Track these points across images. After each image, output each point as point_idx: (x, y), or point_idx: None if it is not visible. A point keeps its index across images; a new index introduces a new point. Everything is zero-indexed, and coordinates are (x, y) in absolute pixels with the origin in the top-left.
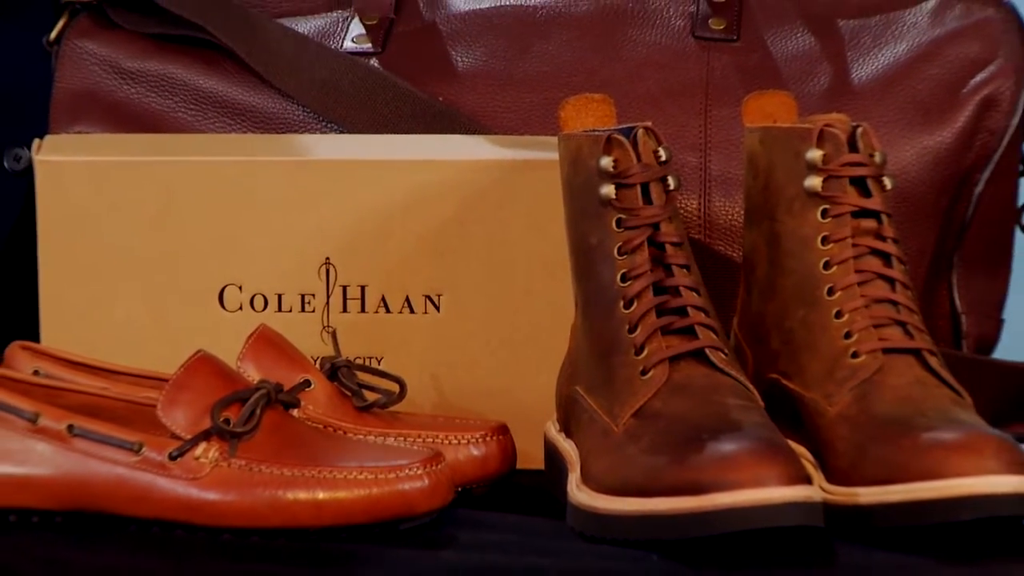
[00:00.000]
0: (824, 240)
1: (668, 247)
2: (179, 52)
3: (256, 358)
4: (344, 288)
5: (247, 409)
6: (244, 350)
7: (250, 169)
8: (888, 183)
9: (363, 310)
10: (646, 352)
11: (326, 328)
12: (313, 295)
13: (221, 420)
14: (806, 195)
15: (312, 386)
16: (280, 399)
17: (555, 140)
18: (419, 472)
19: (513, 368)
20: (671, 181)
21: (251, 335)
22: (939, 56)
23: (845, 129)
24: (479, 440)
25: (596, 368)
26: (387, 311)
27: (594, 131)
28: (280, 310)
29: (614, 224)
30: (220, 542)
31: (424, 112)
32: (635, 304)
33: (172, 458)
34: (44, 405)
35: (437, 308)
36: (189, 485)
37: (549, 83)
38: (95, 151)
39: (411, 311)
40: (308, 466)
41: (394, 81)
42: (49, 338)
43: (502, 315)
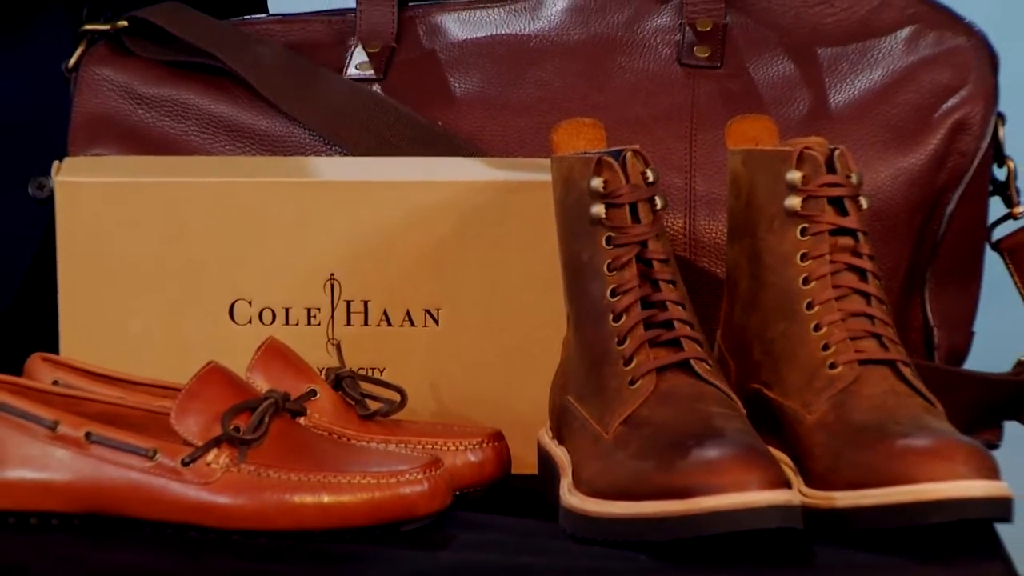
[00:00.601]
0: (803, 257)
1: (655, 263)
2: (191, 79)
3: (265, 369)
4: (348, 303)
5: (256, 417)
6: (253, 361)
7: (259, 190)
8: (864, 202)
9: (366, 323)
10: (634, 363)
11: (331, 340)
12: (319, 309)
13: (231, 428)
14: (786, 214)
15: (318, 395)
16: (287, 408)
17: (548, 162)
18: (419, 477)
19: (508, 378)
20: (658, 201)
21: (260, 347)
22: (913, 82)
23: (823, 151)
24: (476, 446)
25: (587, 378)
26: (389, 324)
27: (585, 153)
28: (287, 323)
29: (604, 241)
30: (230, 543)
31: (424, 135)
32: (624, 317)
33: (185, 464)
34: (63, 413)
35: (436, 321)
36: (201, 489)
37: (542, 108)
38: (112, 172)
39: (411, 324)
40: (314, 471)
41: (395, 106)
42: (68, 350)
43: (498, 328)
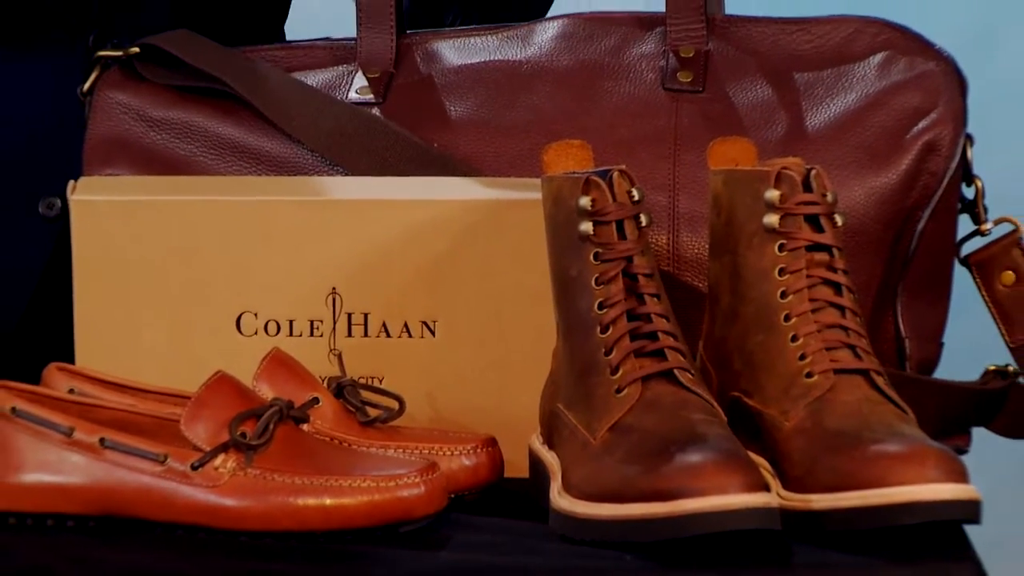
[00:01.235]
0: (781, 272)
1: (641, 278)
2: (200, 102)
3: (270, 378)
4: (349, 315)
5: (261, 424)
6: (259, 371)
7: (264, 208)
8: (839, 220)
9: (366, 335)
10: (620, 372)
11: (333, 351)
12: (321, 321)
13: (238, 434)
14: (765, 231)
15: (320, 403)
16: (291, 415)
17: (539, 182)
18: (416, 480)
19: (501, 387)
20: (643, 218)
21: (265, 357)
22: (885, 105)
23: (800, 171)
24: (470, 451)
25: (576, 387)
26: (387, 336)
27: (574, 173)
28: (292, 335)
29: (592, 257)
30: (237, 543)
31: (421, 157)
32: (611, 329)
33: (194, 468)
34: (78, 420)
35: (433, 333)
36: (209, 492)
37: (533, 130)
38: (124, 191)
39: (409, 335)
40: (317, 475)
41: (394, 128)
42: (83, 360)
43: (491, 339)
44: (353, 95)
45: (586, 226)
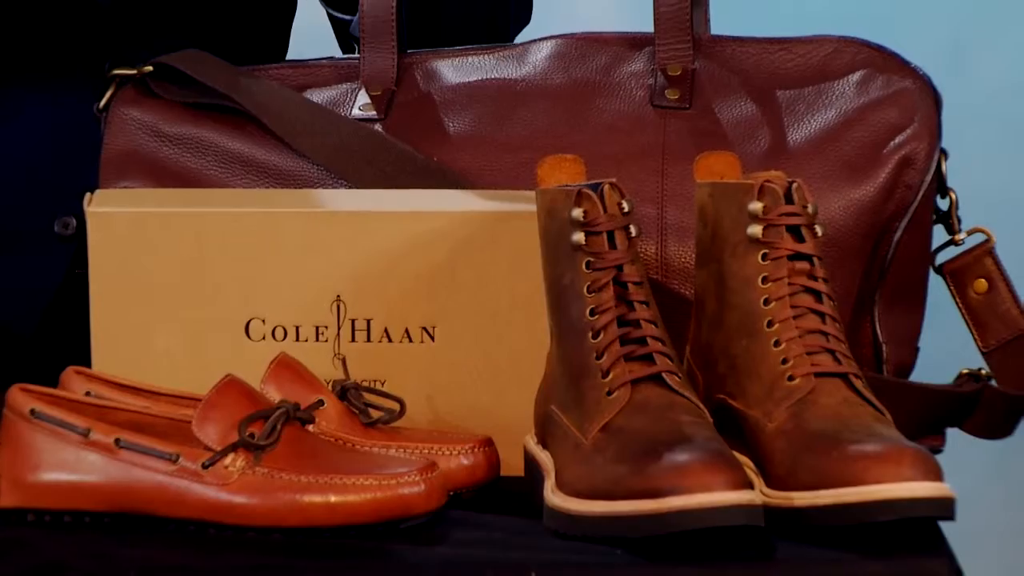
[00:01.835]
0: (764, 280)
1: (630, 286)
2: (211, 118)
3: (277, 381)
4: (353, 321)
5: (269, 425)
6: (267, 374)
7: (272, 219)
8: (819, 230)
9: (369, 340)
10: (611, 376)
11: (337, 355)
12: (326, 327)
13: (247, 434)
14: (748, 241)
15: (325, 405)
16: (297, 416)
17: (533, 194)
18: (417, 479)
19: (497, 390)
20: (633, 229)
21: (273, 361)
22: (863, 121)
23: (782, 184)
24: (468, 451)
25: (568, 390)
26: (389, 341)
27: (567, 186)
28: (298, 340)
29: (584, 266)
30: (246, 539)
31: (421, 170)
32: (602, 335)
33: (205, 467)
34: (95, 421)
35: (432, 338)
36: (219, 490)
37: (528, 145)
38: (139, 203)
39: (410, 341)
40: (322, 474)
41: (395, 143)
42: (99, 364)
43: (488, 344)
44: (356, 112)
45: (578, 236)
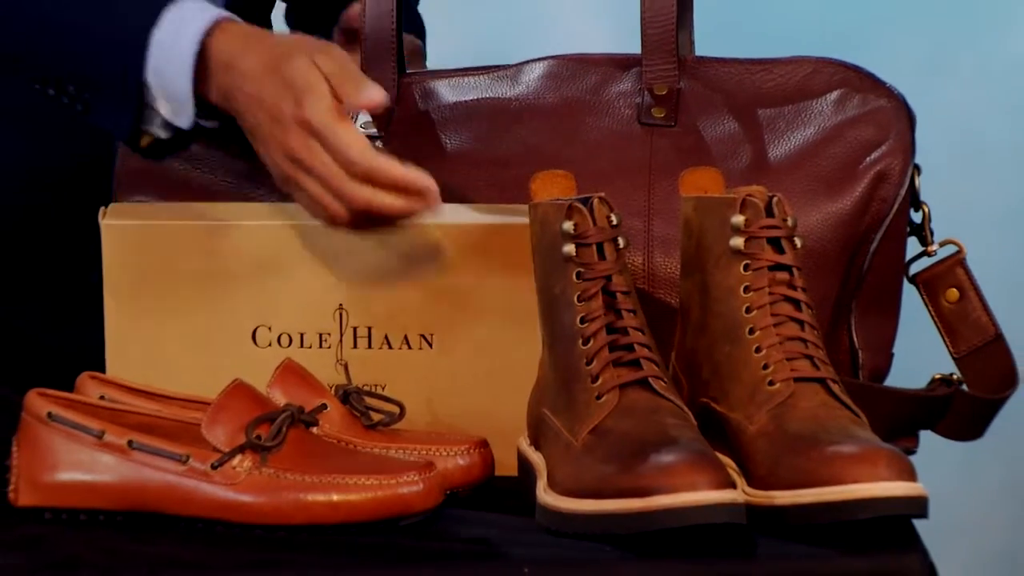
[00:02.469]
0: (746, 289)
1: (618, 295)
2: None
3: (282, 385)
4: (354, 329)
5: (275, 427)
6: (272, 379)
7: (278, 232)
8: (798, 242)
9: (370, 347)
10: (600, 381)
11: (339, 361)
12: (329, 334)
13: (254, 436)
14: (731, 252)
15: (328, 408)
16: (302, 419)
17: (526, 208)
18: (415, 478)
19: (492, 393)
20: (621, 241)
21: (278, 367)
22: (840, 138)
23: (763, 198)
24: (464, 452)
25: (560, 393)
26: (389, 347)
27: (558, 200)
28: (302, 347)
29: (574, 276)
30: (253, 536)
31: None
32: (591, 341)
33: (213, 467)
34: (108, 424)
35: (430, 345)
36: (227, 489)
37: (521, 161)
38: (151, 216)
39: (409, 347)
40: (325, 473)
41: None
42: (113, 369)
43: (483, 350)
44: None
45: (569, 248)
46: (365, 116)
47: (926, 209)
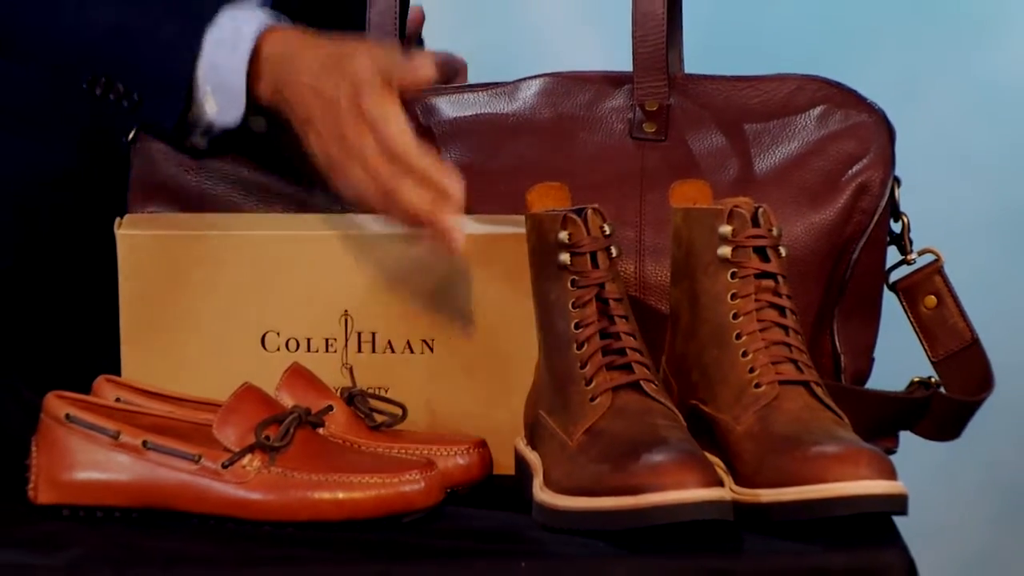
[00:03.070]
0: (733, 296)
1: (611, 302)
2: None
3: (290, 388)
4: (359, 334)
5: (283, 428)
6: (281, 382)
7: (286, 241)
8: (783, 251)
9: (374, 351)
10: (594, 383)
11: (345, 365)
12: (335, 339)
13: (263, 437)
14: (719, 261)
15: (334, 410)
16: (309, 420)
17: (523, 218)
18: (417, 477)
19: (490, 396)
20: (614, 250)
21: (286, 370)
22: (823, 152)
23: (749, 209)
24: (464, 452)
25: (555, 396)
26: (392, 352)
27: (553, 211)
28: (309, 351)
29: (569, 284)
30: (262, 532)
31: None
32: (585, 346)
33: (224, 467)
34: (124, 425)
35: (431, 350)
36: (237, 488)
37: (518, 174)
38: (164, 227)
39: (411, 352)
40: (331, 472)
41: None
42: (128, 372)
43: (482, 355)
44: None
45: (564, 257)
46: None
47: (905, 219)
